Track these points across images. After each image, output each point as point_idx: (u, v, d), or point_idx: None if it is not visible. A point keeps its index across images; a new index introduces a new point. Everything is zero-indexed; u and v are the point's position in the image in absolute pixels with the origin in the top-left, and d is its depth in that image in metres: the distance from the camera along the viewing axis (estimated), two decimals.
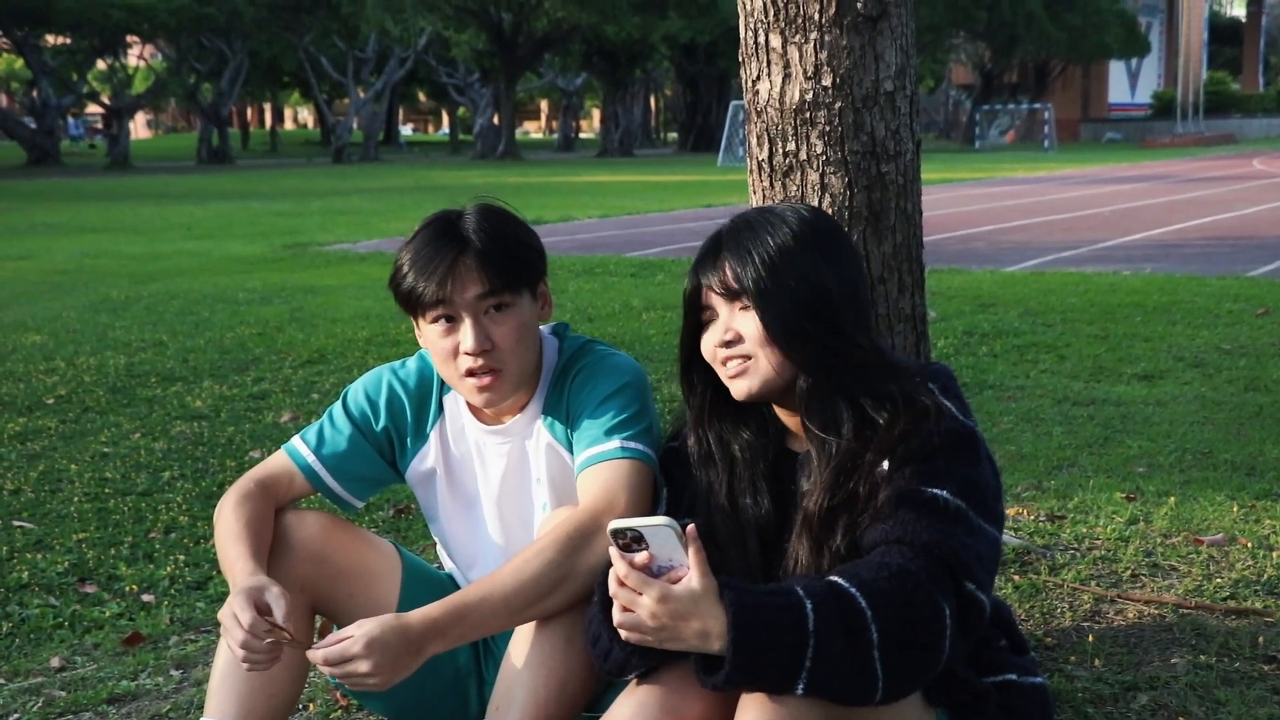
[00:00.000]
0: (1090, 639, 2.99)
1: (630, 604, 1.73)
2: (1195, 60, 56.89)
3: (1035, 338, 7.31)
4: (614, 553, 1.74)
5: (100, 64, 49.85)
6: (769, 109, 2.75)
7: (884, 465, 1.86)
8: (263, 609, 1.95)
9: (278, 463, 2.33)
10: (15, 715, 2.83)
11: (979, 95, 57.76)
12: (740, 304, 1.93)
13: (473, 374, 2.15)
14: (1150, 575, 3.46)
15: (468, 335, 2.12)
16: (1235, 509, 4.02)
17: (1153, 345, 6.99)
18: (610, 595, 1.75)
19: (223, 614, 1.96)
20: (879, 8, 2.67)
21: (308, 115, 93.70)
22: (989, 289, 9.54)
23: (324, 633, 2.63)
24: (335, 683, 2.24)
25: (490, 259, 2.11)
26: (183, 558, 3.85)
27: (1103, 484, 4.34)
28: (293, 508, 2.30)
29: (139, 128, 76.35)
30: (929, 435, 1.85)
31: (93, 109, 64.21)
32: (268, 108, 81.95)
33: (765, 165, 2.79)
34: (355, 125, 51.02)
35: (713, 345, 1.97)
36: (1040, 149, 47.13)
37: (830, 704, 1.72)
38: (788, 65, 2.71)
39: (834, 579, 1.75)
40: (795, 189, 2.75)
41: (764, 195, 2.81)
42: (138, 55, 53.82)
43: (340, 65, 51.88)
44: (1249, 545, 3.66)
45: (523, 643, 2.06)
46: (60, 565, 3.79)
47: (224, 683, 2.15)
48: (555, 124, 77.34)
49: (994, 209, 19.01)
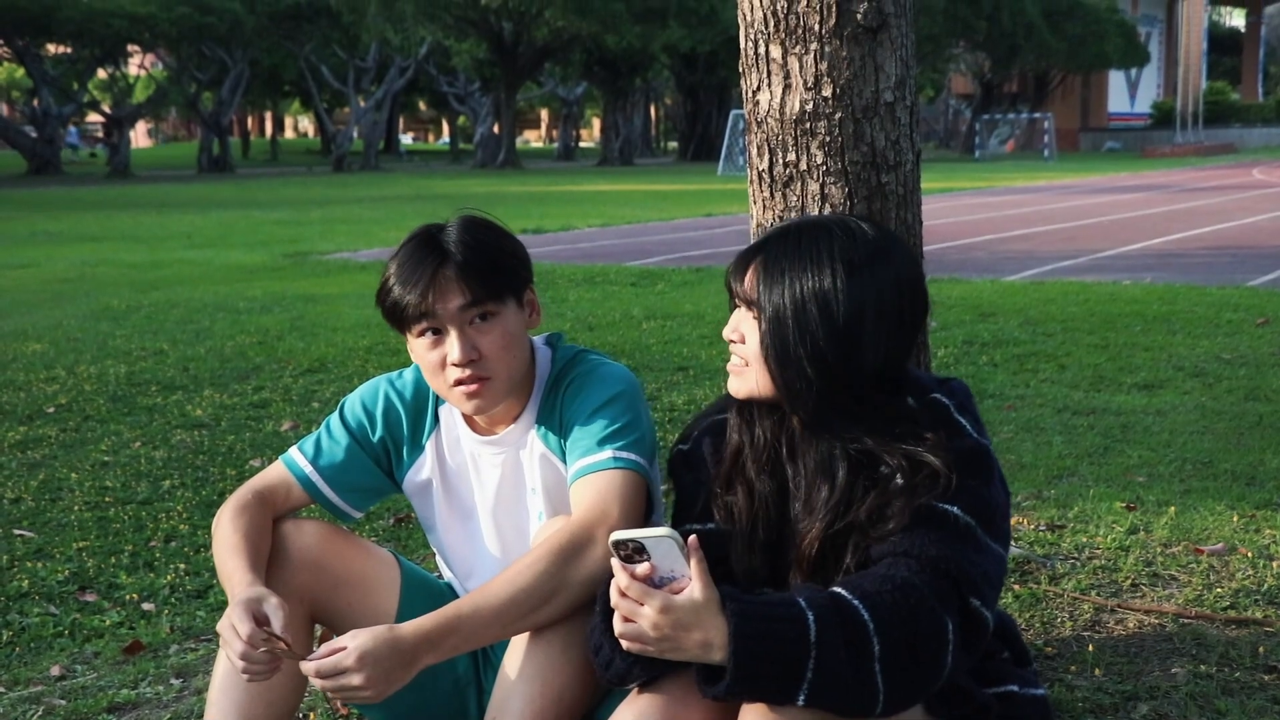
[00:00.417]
0: (1090, 648, 2.99)
1: (632, 615, 1.73)
2: (1195, 70, 56.95)
3: (1035, 347, 7.31)
4: (615, 564, 1.74)
5: (101, 73, 49.92)
6: (769, 119, 2.76)
7: (898, 480, 1.84)
8: (261, 620, 1.95)
9: (275, 473, 2.33)
10: None
11: (979, 105, 57.87)
12: (753, 314, 1.92)
13: (461, 383, 2.15)
14: (1150, 585, 3.46)
15: (454, 346, 2.13)
16: (1235, 518, 4.01)
17: (1153, 355, 6.99)
18: (612, 606, 1.75)
19: (221, 626, 1.96)
20: (879, 19, 2.68)
21: (308, 124, 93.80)
22: (989, 298, 9.54)
23: (324, 641, 2.63)
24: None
25: (471, 269, 2.12)
26: (183, 566, 3.85)
27: (1103, 493, 4.34)
28: (291, 517, 2.30)
29: (139, 136, 76.38)
30: (942, 487, 1.82)
31: (91, 118, 64.27)
32: (268, 116, 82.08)
33: (766, 175, 2.80)
34: (356, 134, 51.10)
35: (725, 332, 1.98)
36: (1040, 158, 47.19)
37: (831, 715, 1.72)
38: (788, 76, 2.72)
39: (838, 590, 1.75)
40: (795, 199, 2.76)
41: (764, 205, 2.81)
42: (138, 64, 53.91)
43: (341, 74, 52.00)
44: (1249, 555, 3.66)
45: (519, 652, 2.06)
46: (61, 574, 3.79)
47: (224, 692, 2.15)
48: (555, 133, 77.42)
49: (994, 218, 19.02)
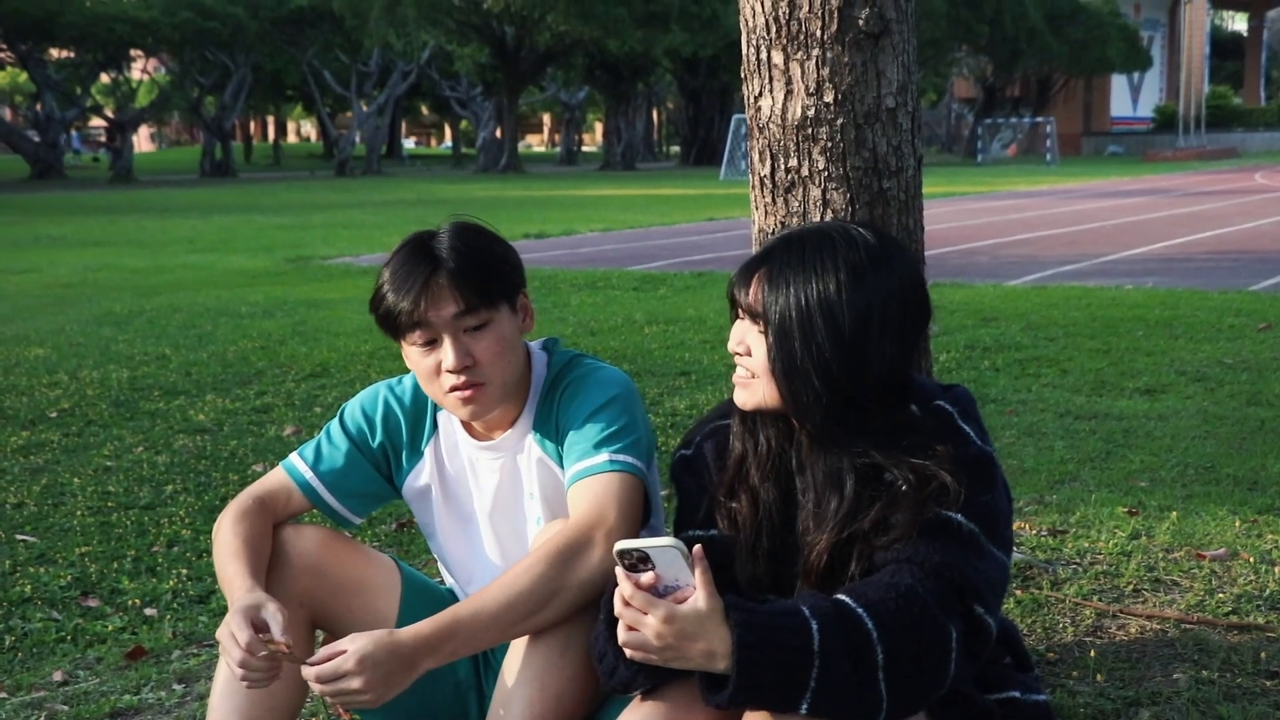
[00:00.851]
0: (1092, 654, 2.99)
1: (636, 624, 1.72)
2: (1197, 74, 56.97)
3: (1037, 352, 7.31)
4: (620, 573, 1.74)
5: (104, 77, 50.00)
6: (771, 125, 2.76)
7: (896, 482, 1.84)
8: (260, 626, 1.95)
9: (276, 479, 2.33)
10: None
11: (981, 109, 57.88)
12: (759, 326, 1.90)
13: (456, 390, 2.15)
14: (1152, 590, 3.46)
15: (448, 353, 2.12)
16: (1237, 524, 4.01)
17: (1155, 360, 6.99)
18: (616, 615, 1.75)
19: (220, 633, 1.96)
20: (881, 24, 2.68)
21: (310, 129, 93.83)
22: (991, 303, 9.54)
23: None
24: None
25: (463, 276, 2.11)
26: (185, 571, 3.85)
27: (1105, 498, 4.34)
28: (291, 523, 2.30)
29: (142, 141, 76.45)
30: (951, 499, 1.82)
31: (94, 122, 64.37)
32: (270, 121, 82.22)
33: (768, 181, 2.80)
34: (358, 139, 51.12)
35: (730, 345, 1.96)
36: (1042, 163, 47.17)
37: None
38: (790, 81, 2.72)
39: (841, 598, 1.75)
40: (797, 205, 2.76)
41: (766, 211, 2.82)
42: (141, 69, 54.00)
43: (343, 79, 52.07)
44: (1251, 560, 3.66)
45: (518, 656, 2.06)
46: (63, 579, 3.79)
47: (226, 697, 2.15)
48: (558, 137, 77.47)
49: (996, 223, 19.03)
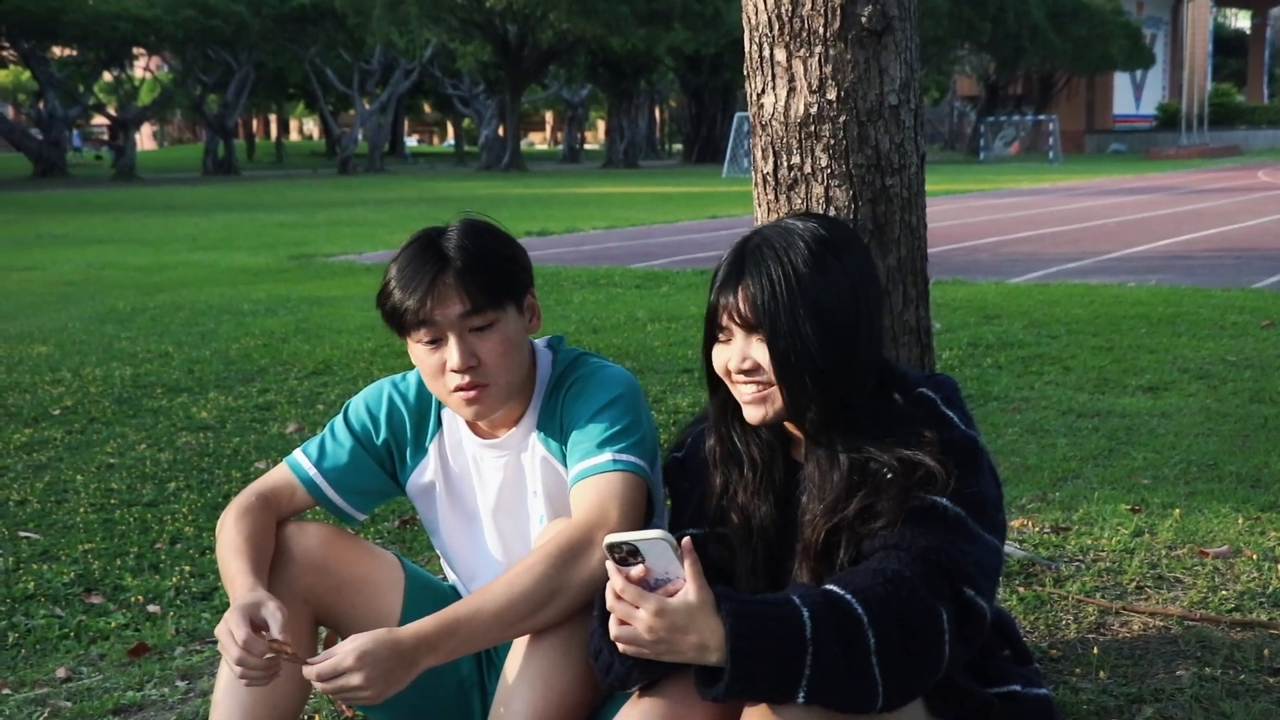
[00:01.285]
0: (1095, 651, 2.99)
1: (627, 617, 1.72)
2: (1200, 72, 56.94)
3: (1040, 349, 7.31)
4: (610, 566, 1.74)
5: (106, 76, 50.03)
6: (774, 122, 2.76)
7: (882, 470, 1.85)
8: (259, 625, 1.95)
9: (279, 476, 2.34)
10: None
11: (984, 107, 57.85)
12: (758, 336, 1.89)
13: (460, 390, 2.15)
14: (1155, 587, 3.46)
15: (453, 353, 2.12)
16: (1240, 521, 4.01)
17: (1158, 357, 6.99)
18: (608, 609, 1.75)
19: (219, 631, 1.96)
20: (883, 22, 2.68)
21: (313, 127, 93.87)
22: (994, 300, 9.54)
23: (329, 644, 2.64)
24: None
25: (470, 276, 2.10)
26: (188, 568, 3.86)
27: (1107, 496, 4.34)
28: (295, 520, 2.30)
29: (144, 139, 76.47)
30: (939, 487, 1.83)
31: (96, 120, 64.42)
32: (273, 119, 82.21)
33: (770, 179, 2.80)
34: (360, 137, 51.14)
35: (724, 364, 1.94)
36: (1045, 160, 47.17)
37: (833, 713, 1.72)
38: (792, 79, 2.72)
39: (830, 587, 1.76)
40: (800, 202, 2.76)
41: (769, 208, 2.82)
42: (144, 67, 54.01)
43: (346, 77, 52.07)
44: (1254, 557, 3.66)
45: (520, 655, 2.06)
46: (66, 576, 3.80)
47: (228, 694, 2.15)
48: (560, 135, 77.41)
49: (999, 220, 19.02)
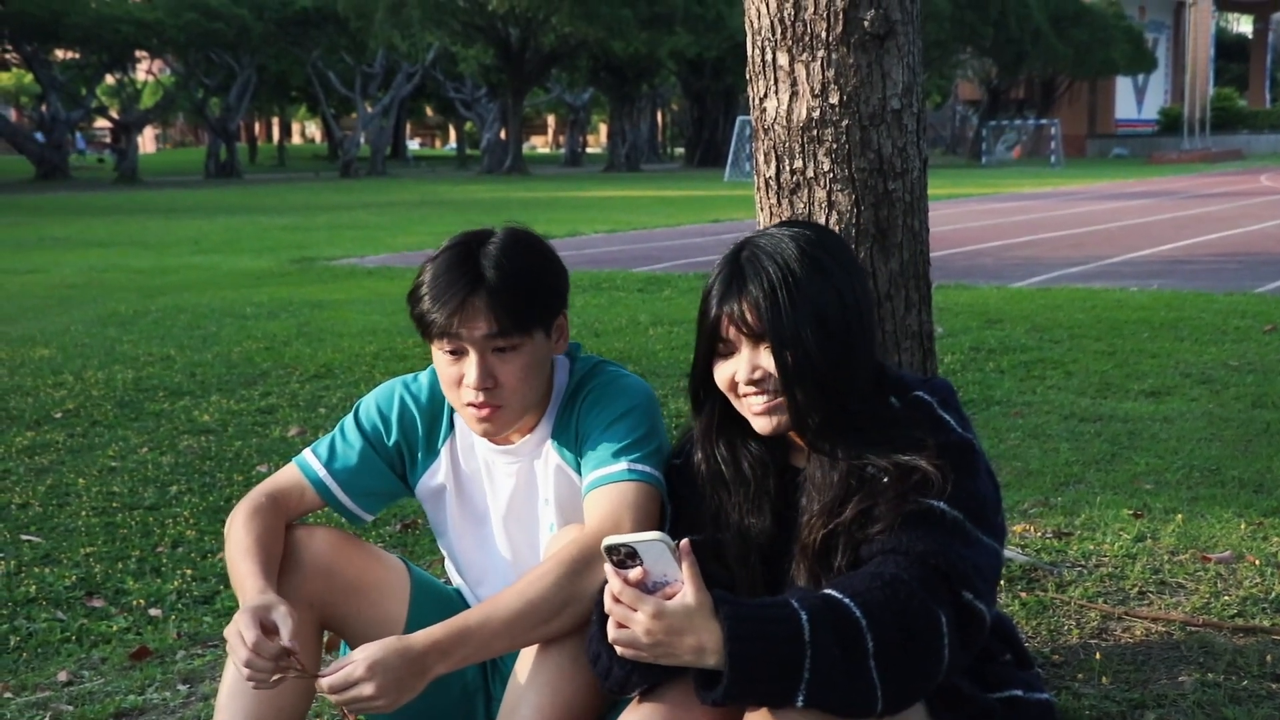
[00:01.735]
0: (1097, 656, 2.98)
1: (625, 620, 1.72)
2: (1202, 76, 56.94)
3: (1042, 354, 7.31)
4: (608, 569, 1.74)
5: (109, 79, 50.03)
6: (776, 126, 2.76)
7: (879, 475, 1.85)
8: (269, 628, 1.94)
9: (288, 476, 2.33)
10: None
11: (986, 111, 57.79)
12: (765, 345, 1.88)
13: (473, 405, 2.15)
14: (1158, 593, 3.46)
15: (471, 371, 2.11)
16: (1243, 526, 4.01)
17: (1160, 362, 6.99)
18: (606, 611, 1.75)
19: (228, 631, 1.95)
20: (886, 26, 2.68)
21: (315, 130, 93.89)
22: (996, 305, 9.53)
23: (332, 647, 2.63)
24: None
25: (502, 300, 2.08)
26: (190, 572, 3.85)
27: (1110, 501, 4.33)
28: (302, 522, 2.30)
29: (147, 142, 76.51)
30: (936, 491, 1.83)
31: (98, 124, 64.46)
32: (275, 122, 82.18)
33: (773, 183, 2.80)
34: (363, 140, 51.15)
35: (730, 377, 1.93)
36: (1047, 165, 47.13)
37: (832, 717, 1.71)
38: (795, 83, 2.72)
39: (828, 591, 1.75)
40: (803, 206, 2.76)
41: (771, 213, 2.82)
42: (146, 70, 53.98)
43: (348, 80, 52.07)
44: (1257, 563, 3.66)
45: (529, 662, 2.05)
46: (68, 579, 3.80)
47: (232, 698, 2.15)
48: (562, 139, 77.45)
49: (1001, 225, 19.02)
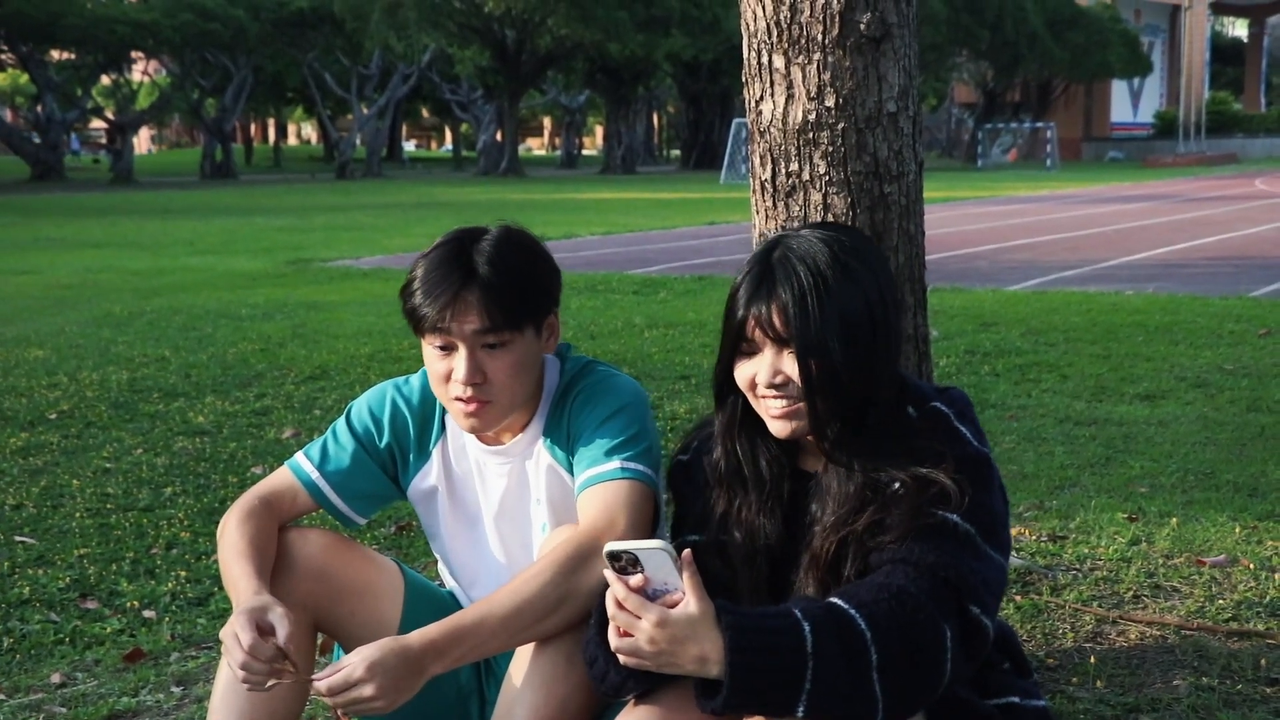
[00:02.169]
0: (1092, 660, 2.99)
1: (629, 627, 1.71)
2: (1197, 80, 57.01)
3: (1037, 357, 7.31)
4: (611, 575, 1.73)
5: (104, 79, 49.98)
6: (772, 129, 2.76)
7: (895, 486, 1.84)
8: (265, 629, 1.94)
9: (281, 479, 2.33)
10: None
11: (981, 114, 57.84)
12: (789, 350, 1.87)
13: (461, 401, 2.15)
14: (1152, 596, 3.46)
15: (461, 366, 2.11)
16: (1238, 530, 4.01)
17: (1155, 365, 6.99)
18: (609, 618, 1.74)
19: (224, 633, 1.95)
20: (882, 29, 2.68)
21: (311, 131, 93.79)
22: (991, 308, 9.54)
23: (326, 649, 2.63)
24: None
25: (494, 295, 2.09)
26: (184, 574, 3.85)
27: (1105, 504, 4.34)
28: (295, 525, 2.30)
29: (142, 143, 76.46)
30: (953, 505, 1.83)
31: (93, 124, 64.39)
32: (271, 123, 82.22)
33: (768, 185, 2.80)
34: (359, 141, 51.10)
35: (750, 378, 1.91)
36: (1043, 168, 47.16)
37: None
38: (791, 86, 2.72)
39: (834, 600, 1.74)
40: (798, 209, 2.76)
41: (766, 215, 2.81)
42: (142, 71, 53.96)
43: (344, 81, 52.07)
44: (1251, 567, 3.66)
45: (523, 662, 2.05)
46: (61, 581, 3.79)
47: (225, 700, 2.14)
48: (558, 141, 77.49)
49: (996, 228, 19.03)
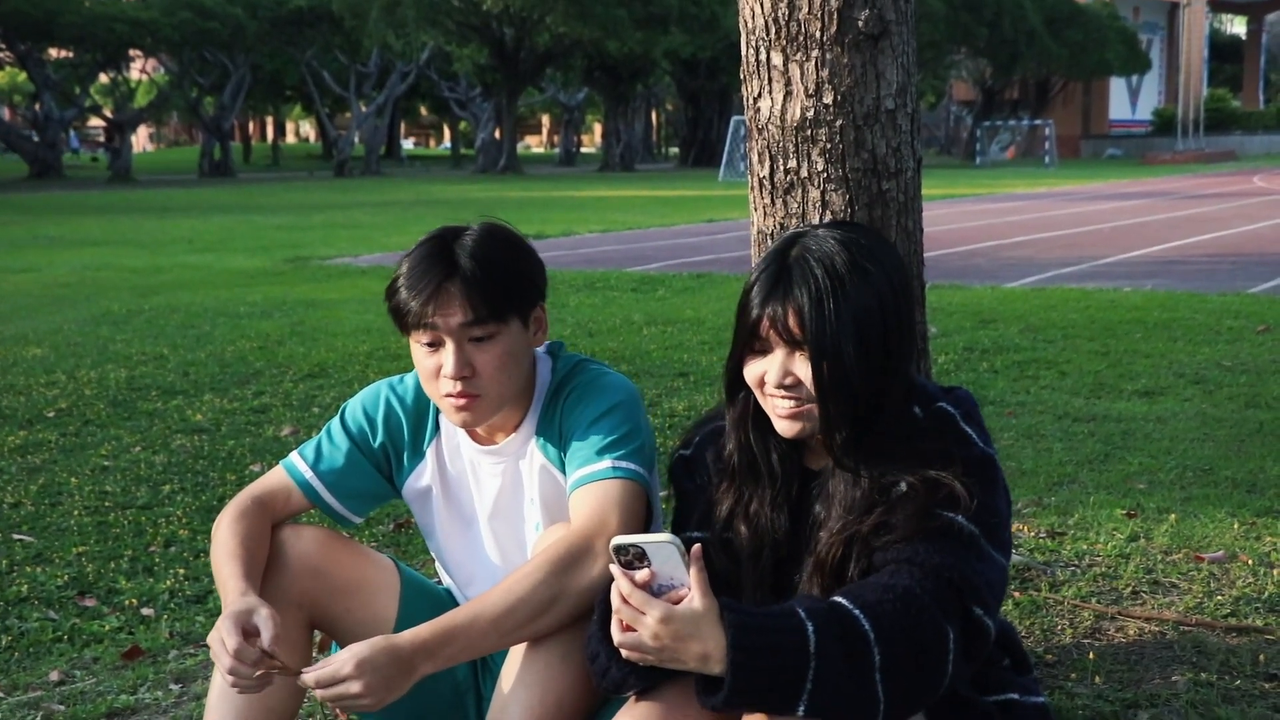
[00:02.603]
0: (1091, 656, 2.99)
1: (633, 623, 1.71)
2: (1196, 77, 57.00)
3: (1036, 354, 7.31)
4: (616, 570, 1.72)
5: (103, 77, 49.97)
6: (770, 126, 2.76)
7: (902, 487, 1.84)
8: (250, 632, 1.93)
9: (275, 479, 2.33)
10: None
11: (980, 111, 57.87)
12: (802, 352, 1.86)
13: (451, 396, 2.14)
14: (1151, 592, 3.46)
15: (449, 360, 2.11)
16: (1236, 526, 4.01)
17: (1153, 362, 6.99)
18: (613, 612, 1.74)
19: (211, 639, 1.95)
20: (880, 26, 2.68)
21: (309, 129, 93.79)
22: (989, 305, 9.54)
23: (323, 647, 2.63)
24: None
25: (477, 286, 2.09)
26: (182, 571, 3.85)
27: (1103, 500, 4.34)
28: (290, 523, 2.29)
29: (141, 141, 76.42)
30: (962, 508, 1.82)
31: (92, 122, 64.36)
32: (269, 121, 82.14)
33: (767, 182, 2.80)
34: (357, 139, 51.10)
35: (759, 376, 1.90)
36: (1041, 165, 47.19)
37: None
38: (789, 83, 2.72)
39: (838, 600, 1.74)
40: (796, 206, 2.76)
41: (765, 212, 2.81)
42: (140, 69, 53.97)
43: (342, 79, 52.06)
44: (1250, 562, 3.66)
45: (518, 660, 2.05)
46: (60, 579, 3.79)
47: (222, 698, 2.14)
48: (557, 138, 77.47)
49: (995, 225, 19.03)
